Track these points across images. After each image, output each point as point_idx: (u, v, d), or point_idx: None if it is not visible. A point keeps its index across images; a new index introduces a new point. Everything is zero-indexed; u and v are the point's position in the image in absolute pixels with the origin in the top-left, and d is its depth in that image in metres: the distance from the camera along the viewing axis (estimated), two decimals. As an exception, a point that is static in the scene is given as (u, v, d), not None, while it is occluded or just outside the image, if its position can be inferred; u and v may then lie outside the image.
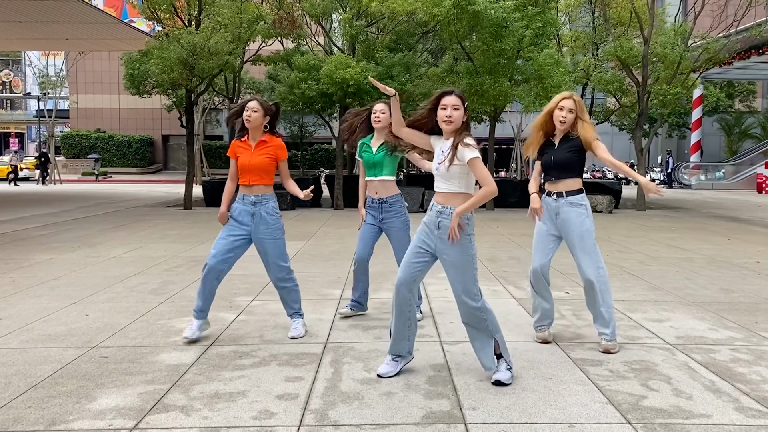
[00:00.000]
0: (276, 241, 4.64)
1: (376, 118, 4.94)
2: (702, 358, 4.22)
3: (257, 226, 4.58)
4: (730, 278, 7.11)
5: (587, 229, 4.35)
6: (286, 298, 4.78)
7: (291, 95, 16.71)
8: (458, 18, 14.06)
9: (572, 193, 4.39)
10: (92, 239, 10.16)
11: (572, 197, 4.38)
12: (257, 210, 4.58)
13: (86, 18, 18.12)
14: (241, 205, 4.62)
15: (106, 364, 4.06)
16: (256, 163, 4.55)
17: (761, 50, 22.18)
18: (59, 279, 6.86)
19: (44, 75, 33.91)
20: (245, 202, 4.60)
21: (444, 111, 3.65)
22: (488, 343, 3.74)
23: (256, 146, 4.60)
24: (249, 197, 4.60)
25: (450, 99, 3.65)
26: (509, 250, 9.18)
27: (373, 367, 3.99)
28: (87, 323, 5.04)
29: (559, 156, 4.41)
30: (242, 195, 4.64)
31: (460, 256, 3.64)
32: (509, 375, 3.70)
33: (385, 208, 4.99)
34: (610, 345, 4.33)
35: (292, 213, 15.17)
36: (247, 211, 4.58)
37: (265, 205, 4.60)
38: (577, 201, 4.38)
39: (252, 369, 3.97)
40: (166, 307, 5.59)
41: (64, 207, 16.63)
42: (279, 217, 4.69)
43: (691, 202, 20.66)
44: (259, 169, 4.56)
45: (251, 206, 4.58)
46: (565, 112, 4.36)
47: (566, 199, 4.38)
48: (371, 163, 5.00)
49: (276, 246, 4.64)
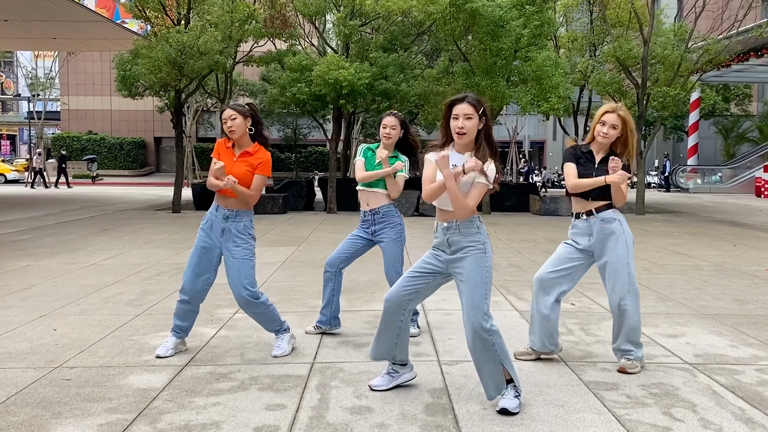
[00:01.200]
0: (243, 261, 4.13)
1: (386, 134, 4.56)
2: (727, 380, 3.83)
3: (226, 242, 4.17)
4: (742, 287, 6.74)
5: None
6: (261, 321, 4.30)
7: (282, 97, 16.31)
8: (454, 17, 13.68)
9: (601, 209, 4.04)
10: (73, 245, 9.73)
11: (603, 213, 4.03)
12: (227, 226, 4.16)
13: (74, 17, 17.69)
14: (213, 215, 4.19)
15: (67, 389, 3.64)
16: (235, 175, 4.08)
17: (760, 52, 21.89)
18: (32, 288, 6.43)
19: (33, 76, 33.42)
20: (218, 213, 4.18)
21: (456, 121, 3.27)
22: (496, 370, 3.31)
23: (240, 156, 4.17)
24: (222, 210, 4.17)
25: (461, 107, 3.25)
26: (508, 257, 8.79)
27: (365, 392, 3.59)
28: (53, 339, 4.62)
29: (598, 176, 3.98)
30: (216, 205, 4.21)
31: (475, 267, 3.28)
32: (517, 403, 3.30)
33: (377, 219, 4.59)
34: (629, 364, 3.95)
35: (284, 217, 14.75)
36: (218, 224, 4.17)
37: (237, 223, 4.16)
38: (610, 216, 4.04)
39: (229, 394, 3.56)
40: (142, 321, 5.17)
41: (49, 210, 16.17)
42: (251, 238, 4.20)
43: (691, 206, 20.33)
44: (238, 179, 4.09)
45: (223, 220, 4.16)
46: (606, 128, 3.98)
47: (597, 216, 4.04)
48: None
49: (242, 266, 4.12)
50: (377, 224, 4.59)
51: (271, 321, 4.30)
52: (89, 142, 42.08)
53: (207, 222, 4.21)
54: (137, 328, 4.96)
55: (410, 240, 10.60)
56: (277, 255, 8.80)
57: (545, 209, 16.24)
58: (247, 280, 4.12)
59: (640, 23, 15.87)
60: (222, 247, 4.18)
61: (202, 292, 4.25)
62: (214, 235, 4.17)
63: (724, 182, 30.23)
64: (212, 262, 4.22)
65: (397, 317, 3.46)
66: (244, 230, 4.17)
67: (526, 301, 6.00)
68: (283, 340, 4.31)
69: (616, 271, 3.97)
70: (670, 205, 20.62)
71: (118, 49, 22.90)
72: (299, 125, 31.21)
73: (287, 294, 6.27)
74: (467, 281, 3.28)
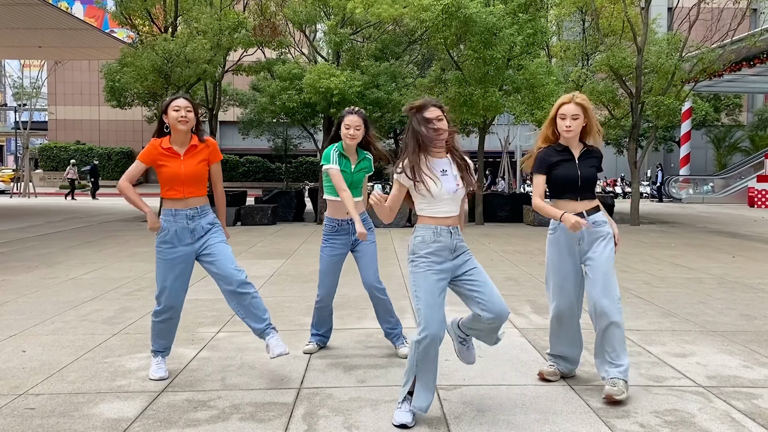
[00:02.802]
0: (225, 246, 3.96)
1: (351, 135, 4.23)
2: (744, 405, 3.56)
3: (200, 239, 3.92)
4: (748, 302, 6.49)
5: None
6: (252, 309, 3.91)
7: (272, 105, 16.04)
8: (446, 24, 13.46)
9: (591, 212, 3.84)
10: (53, 258, 9.38)
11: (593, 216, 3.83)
12: (196, 224, 3.91)
13: (59, 25, 17.39)
14: (173, 223, 3.89)
15: (30, 419, 3.33)
16: (191, 173, 3.87)
17: (752, 62, 21.84)
18: (4, 305, 6.10)
19: (19, 86, 33.03)
20: (178, 218, 3.89)
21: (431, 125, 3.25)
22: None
23: (187, 152, 3.91)
24: (183, 211, 3.90)
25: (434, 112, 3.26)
26: (504, 269, 8.52)
27: (355, 422, 3.29)
28: (21, 362, 4.30)
29: (585, 172, 3.81)
30: (173, 210, 3.90)
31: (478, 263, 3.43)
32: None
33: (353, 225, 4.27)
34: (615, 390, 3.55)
35: (273, 228, 14.43)
36: (184, 228, 3.89)
37: (204, 218, 3.95)
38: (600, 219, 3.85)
39: (207, 425, 3.25)
40: (119, 341, 4.85)
41: (32, 222, 15.78)
42: (220, 226, 4.06)
43: (685, 216, 20.16)
44: (195, 179, 3.89)
45: (189, 221, 3.89)
46: (569, 121, 3.73)
47: (587, 219, 3.79)
48: (349, 181, 4.26)
49: (227, 251, 3.94)
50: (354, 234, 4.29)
51: (263, 309, 3.95)
52: (77, 152, 41.63)
53: (169, 233, 3.90)
54: (113, 349, 4.64)
55: (403, 251, 10.32)
56: (264, 269, 8.50)
57: (539, 220, 15.99)
58: (235, 264, 3.93)
59: (633, 32, 15.71)
60: (195, 248, 3.93)
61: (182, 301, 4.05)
62: (183, 239, 3.91)
63: (717, 192, 30.14)
64: (188, 270, 3.99)
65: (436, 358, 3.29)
66: (213, 220, 4.03)
67: (526, 317, 5.73)
68: (275, 337, 3.92)
69: (605, 272, 3.73)
70: (664, 215, 20.45)
71: (105, 58, 22.59)
72: (289, 135, 30.90)
73: (274, 311, 5.94)
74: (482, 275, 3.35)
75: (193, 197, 3.92)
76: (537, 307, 6.11)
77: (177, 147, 3.92)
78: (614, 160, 38.16)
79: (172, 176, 3.87)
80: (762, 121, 35.16)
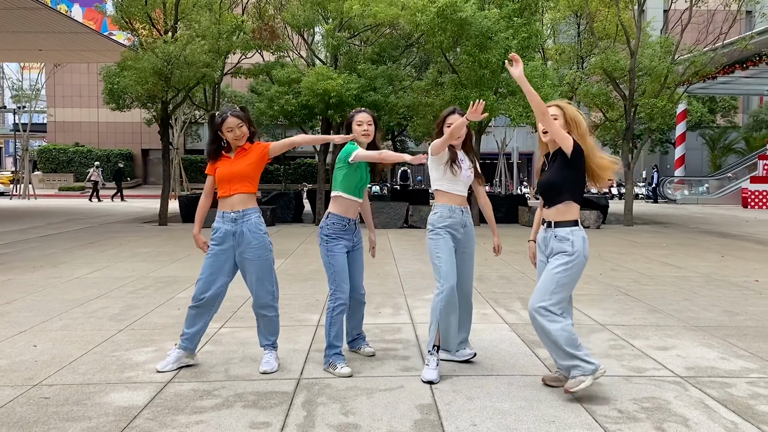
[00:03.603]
0: (261, 261, 4.14)
1: (366, 132, 4.31)
2: (718, 394, 3.78)
3: (239, 246, 4.13)
4: (732, 299, 6.72)
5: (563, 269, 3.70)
6: (264, 329, 4.25)
7: (271, 110, 16.24)
8: (442, 28, 13.68)
9: (561, 225, 3.76)
10: (57, 258, 9.58)
11: (559, 230, 3.76)
12: (238, 228, 4.12)
13: (60, 28, 17.58)
14: (221, 223, 4.16)
15: (45, 407, 3.54)
16: (238, 171, 4.12)
17: (745, 65, 22.11)
18: (12, 303, 6.31)
19: (18, 88, 33.20)
20: (225, 220, 4.14)
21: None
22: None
23: (237, 155, 4.18)
24: (229, 214, 4.13)
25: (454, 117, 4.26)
26: (497, 269, 8.74)
27: (352, 409, 3.50)
28: (33, 356, 4.51)
29: (545, 176, 3.85)
30: (221, 213, 4.17)
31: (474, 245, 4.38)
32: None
33: (357, 226, 4.44)
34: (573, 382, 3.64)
35: (272, 229, 14.64)
36: (228, 231, 4.13)
37: (247, 222, 4.13)
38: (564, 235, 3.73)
39: (213, 412, 3.47)
40: (125, 336, 5.06)
41: (33, 223, 15.97)
42: (265, 234, 4.17)
43: (678, 217, 20.40)
44: (241, 175, 4.12)
45: (231, 224, 4.12)
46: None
47: (554, 231, 3.78)
48: (363, 185, 4.35)
49: (261, 266, 4.14)
50: (356, 234, 4.45)
51: (272, 332, 4.26)
52: (76, 154, 41.82)
53: (218, 231, 4.16)
54: (120, 343, 4.85)
55: (399, 251, 10.54)
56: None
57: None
58: (268, 278, 4.18)
59: (627, 36, 15.96)
60: (236, 252, 4.14)
61: (215, 297, 4.18)
62: (225, 240, 4.13)
63: (711, 193, 30.41)
64: (225, 269, 4.18)
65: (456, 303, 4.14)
66: (255, 227, 4.15)
67: (516, 313, 5.95)
68: (272, 356, 4.23)
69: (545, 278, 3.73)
70: (659, 216, 20.69)
71: (105, 60, 22.81)
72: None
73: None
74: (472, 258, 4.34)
75: (238, 194, 4.11)
76: (525, 304, 6.32)
77: (232, 154, 4.22)
78: (611, 161, 38.38)
79: (222, 176, 4.14)
80: (757, 123, 35.45)
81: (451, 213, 4.17)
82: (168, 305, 6.23)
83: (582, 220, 13.75)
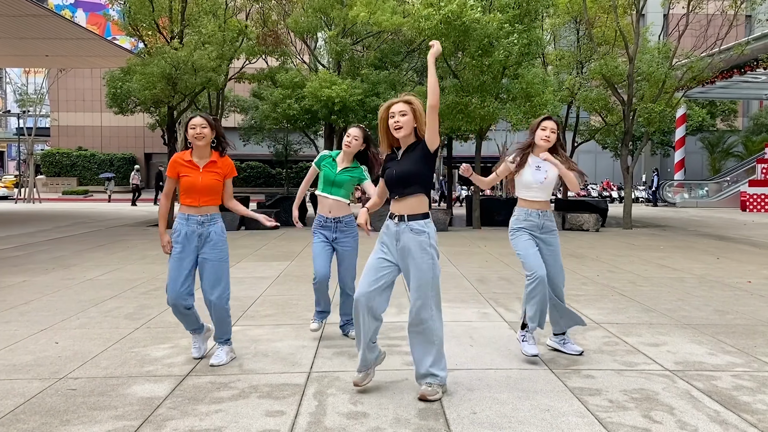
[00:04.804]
0: (222, 263, 4.45)
1: (347, 143, 4.94)
2: (704, 385, 4.02)
3: (203, 246, 4.41)
4: (724, 299, 6.95)
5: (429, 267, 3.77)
6: (224, 323, 4.49)
7: (274, 113, 16.52)
8: (445, 34, 13.95)
9: (415, 218, 3.79)
10: (68, 260, 9.84)
11: (414, 222, 3.77)
12: (205, 230, 4.41)
13: (66, 35, 17.86)
14: (185, 226, 4.40)
15: (73, 398, 3.78)
16: (207, 184, 4.39)
17: (743, 69, 22.35)
18: (30, 303, 6.56)
19: (23, 93, 33.49)
20: (190, 222, 4.39)
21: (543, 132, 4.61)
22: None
23: (206, 167, 4.43)
24: (195, 217, 4.40)
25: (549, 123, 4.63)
26: (498, 270, 8.99)
27: (360, 399, 3.75)
28: (56, 352, 4.76)
29: (400, 167, 3.77)
30: (186, 215, 4.41)
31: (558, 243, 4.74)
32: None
33: (340, 227, 4.96)
34: (430, 390, 3.73)
35: (276, 232, 14.91)
36: (193, 232, 4.39)
37: (214, 225, 4.45)
38: (420, 228, 3.77)
39: (230, 402, 3.72)
40: (142, 334, 5.31)
41: (41, 227, 16.24)
42: (226, 239, 4.53)
43: (677, 220, 20.64)
44: (210, 189, 4.41)
45: (198, 226, 4.39)
46: (396, 118, 3.75)
47: (408, 224, 3.77)
48: (331, 180, 4.96)
49: (222, 267, 4.45)
50: (338, 232, 4.93)
51: (227, 329, 4.52)
52: (79, 158, 42.12)
53: (180, 233, 4.39)
54: (137, 340, 5.10)
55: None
56: (270, 270, 8.95)
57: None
58: (226, 278, 4.45)
59: (625, 41, 16.23)
60: (199, 252, 4.40)
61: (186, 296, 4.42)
62: (191, 241, 4.38)
63: (711, 196, 30.65)
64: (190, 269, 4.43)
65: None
66: (221, 231, 4.48)
67: (515, 312, 6.19)
68: (223, 350, 4.49)
69: (419, 279, 3.76)
70: (657, 219, 20.93)
71: (109, 66, 23.09)
72: (290, 141, 31.39)
73: (282, 308, 6.42)
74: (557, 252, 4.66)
75: (207, 206, 4.42)
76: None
77: (197, 160, 4.43)
78: (611, 165, 38.72)
79: (190, 186, 4.38)
80: (757, 126, 35.70)
81: (527, 216, 4.61)
82: (180, 305, 6.48)
83: (581, 223, 14.13)
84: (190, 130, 4.40)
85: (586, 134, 21.14)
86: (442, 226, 15.61)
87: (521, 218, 4.64)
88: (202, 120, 4.42)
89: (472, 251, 11.31)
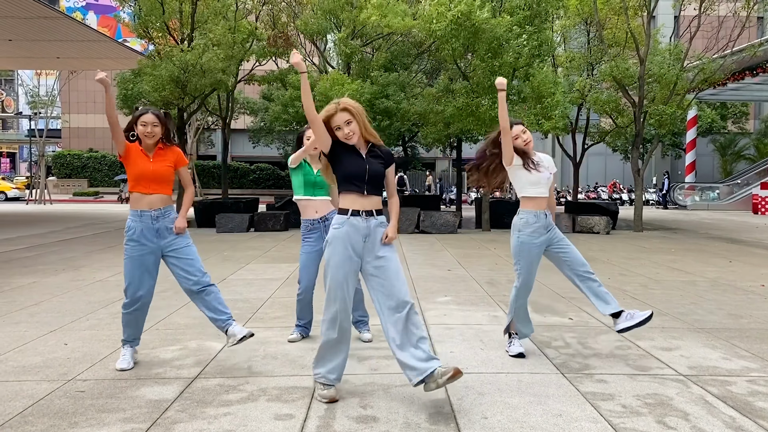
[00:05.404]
0: (190, 246, 4.45)
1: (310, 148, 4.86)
2: (718, 391, 3.96)
3: (164, 239, 4.38)
4: (737, 303, 6.88)
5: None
6: (216, 303, 4.39)
7: (285, 114, 16.53)
8: (455, 35, 13.91)
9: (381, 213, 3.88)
10: (78, 261, 9.86)
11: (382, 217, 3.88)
12: (161, 224, 4.38)
13: (77, 37, 17.94)
14: (138, 223, 4.35)
15: (81, 400, 3.77)
16: (157, 170, 4.37)
17: (755, 71, 22.19)
18: (40, 304, 6.56)
19: (35, 94, 33.70)
20: (143, 218, 4.35)
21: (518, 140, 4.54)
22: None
23: (156, 155, 4.43)
24: (148, 212, 4.36)
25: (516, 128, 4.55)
26: (508, 273, 8.93)
27: (370, 402, 3.72)
28: (65, 353, 4.75)
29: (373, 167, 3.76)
30: (138, 212, 4.35)
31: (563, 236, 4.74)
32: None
33: (329, 225, 4.86)
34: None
35: (285, 234, 14.90)
36: (149, 228, 4.35)
37: (169, 218, 4.43)
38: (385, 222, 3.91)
39: (239, 405, 3.69)
40: (150, 336, 5.30)
41: (52, 228, 16.31)
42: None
43: (688, 223, 20.50)
44: (160, 177, 4.39)
45: (153, 221, 4.36)
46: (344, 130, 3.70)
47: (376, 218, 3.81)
48: (312, 182, 4.92)
49: (192, 250, 4.45)
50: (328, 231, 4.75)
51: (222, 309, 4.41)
52: (90, 160, 42.31)
53: (135, 231, 4.34)
54: (146, 342, 5.08)
55: (411, 256, 10.75)
56: (279, 271, 8.93)
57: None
58: (201, 266, 4.43)
59: (636, 43, 16.13)
60: (162, 246, 4.38)
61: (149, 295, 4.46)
62: (148, 237, 4.35)
63: (722, 199, 30.43)
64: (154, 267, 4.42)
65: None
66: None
67: (525, 315, 6.13)
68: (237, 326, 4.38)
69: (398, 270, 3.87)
70: (668, 222, 20.79)
71: (120, 67, 23.20)
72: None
73: (292, 310, 6.38)
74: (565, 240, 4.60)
75: (157, 194, 4.37)
76: (537, 307, 6.51)
77: (147, 151, 4.45)
78: (621, 167, 38.54)
79: (140, 173, 4.35)
80: (769, 128, 35.44)
81: (537, 219, 4.53)
82: (189, 307, 6.46)
83: (592, 225, 14.06)
84: (141, 127, 4.38)
85: (597, 137, 21.04)
86: (452, 229, 15.57)
87: (530, 221, 4.53)
88: (153, 118, 4.40)
89: (481, 253, 11.25)
